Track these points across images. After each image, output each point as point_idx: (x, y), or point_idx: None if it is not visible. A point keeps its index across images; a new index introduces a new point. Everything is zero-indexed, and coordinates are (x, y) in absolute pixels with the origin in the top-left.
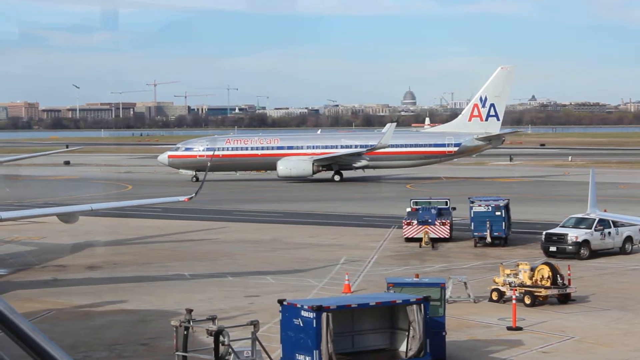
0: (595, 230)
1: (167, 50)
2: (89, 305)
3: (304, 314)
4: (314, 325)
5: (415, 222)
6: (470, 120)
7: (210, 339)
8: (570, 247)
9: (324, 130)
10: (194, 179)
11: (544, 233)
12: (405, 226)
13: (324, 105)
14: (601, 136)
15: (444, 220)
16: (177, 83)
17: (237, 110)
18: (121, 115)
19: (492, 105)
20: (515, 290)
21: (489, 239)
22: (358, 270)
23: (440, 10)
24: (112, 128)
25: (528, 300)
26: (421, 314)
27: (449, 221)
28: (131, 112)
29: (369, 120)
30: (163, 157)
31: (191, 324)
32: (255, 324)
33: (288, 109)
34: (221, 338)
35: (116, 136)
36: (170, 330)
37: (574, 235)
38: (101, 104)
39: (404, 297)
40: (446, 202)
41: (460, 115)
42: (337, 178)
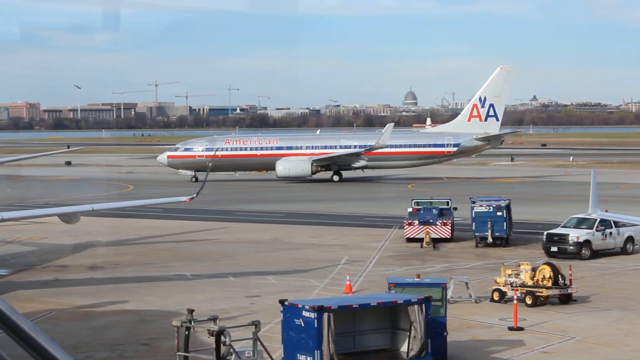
0: (597, 230)
1: (168, 50)
2: (90, 305)
3: (305, 314)
4: (315, 326)
5: (417, 223)
6: (469, 120)
7: (212, 339)
8: (572, 248)
9: (323, 131)
10: (193, 179)
11: (545, 233)
12: (407, 226)
13: (325, 105)
14: (602, 136)
15: (445, 221)
16: (178, 83)
17: (239, 111)
18: (122, 116)
19: (492, 105)
20: (517, 290)
21: (490, 239)
22: (359, 270)
23: (440, 10)
24: (114, 128)
25: (529, 301)
26: (422, 314)
27: (450, 221)
28: (132, 113)
29: (370, 121)
30: (162, 158)
31: (192, 324)
32: (256, 324)
33: (289, 109)
34: (222, 338)
35: (117, 136)
36: (171, 331)
37: (576, 235)
38: (102, 104)
39: (406, 298)
40: (447, 202)
41: (459, 116)
42: (336, 178)
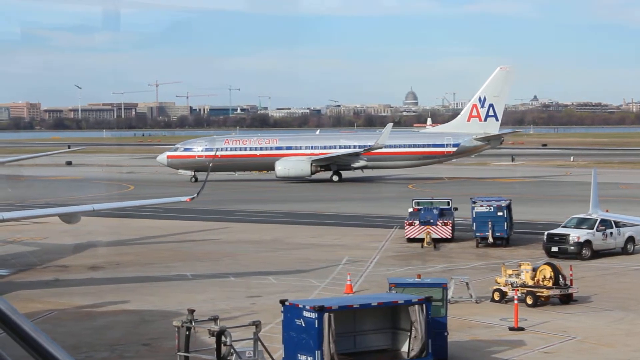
0: (597, 230)
1: (168, 50)
2: (90, 305)
3: (306, 314)
4: (316, 326)
5: (417, 223)
6: (469, 120)
7: (212, 340)
8: (572, 248)
9: (323, 131)
10: (192, 179)
11: (545, 233)
12: (407, 226)
13: (326, 105)
14: (603, 136)
15: (446, 221)
16: (179, 83)
17: (239, 111)
18: (123, 116)
19: (491, 105)
20: (517, 290)
21: (490, 239)
22: (360, 270)
23: (440, 10)
24: (114, 128)
25: (530, 301)
26: (423, 315)
27: (450, 221)
28: (133, 113)
29: (370, 121)
30: (162, 158)
31: (193, 324)
32: (257, 325)
33: (290, 109)
34: (223, 338)
35: (118, 136)
36: (172, 331)
37: (576, 235)
38: (103, 105)
39: (406, 298)
40: (448, 203)
41: (459, 116)
42: (336, 178)
